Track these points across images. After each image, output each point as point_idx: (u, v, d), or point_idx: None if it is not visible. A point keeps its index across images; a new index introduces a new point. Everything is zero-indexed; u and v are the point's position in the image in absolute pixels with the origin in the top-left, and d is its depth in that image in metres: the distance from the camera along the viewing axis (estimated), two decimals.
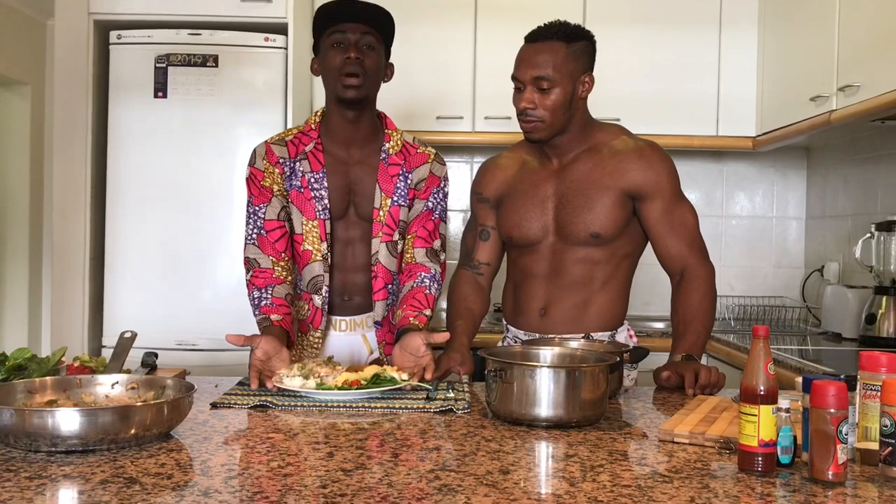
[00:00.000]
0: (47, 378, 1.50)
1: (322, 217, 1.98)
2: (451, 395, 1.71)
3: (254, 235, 1.99)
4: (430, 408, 1.60)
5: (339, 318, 2.05)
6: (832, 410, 1.16)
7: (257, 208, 1.99)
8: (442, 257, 2.06)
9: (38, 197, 4.86)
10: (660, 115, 3.37)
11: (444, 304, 2.23)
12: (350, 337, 2.05)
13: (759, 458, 1.20)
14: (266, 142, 2.04)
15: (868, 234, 2.89)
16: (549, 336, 1.94)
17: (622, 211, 1.96)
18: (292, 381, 1.69)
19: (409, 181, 2.02)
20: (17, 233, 4.81)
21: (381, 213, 2.00)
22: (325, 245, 1.98)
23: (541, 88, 1.90)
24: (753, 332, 1.24)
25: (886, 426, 1.18)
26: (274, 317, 1.88)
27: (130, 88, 3.05)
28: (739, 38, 3.39)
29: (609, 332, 2.01)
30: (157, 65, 3.04)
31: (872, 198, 3.15)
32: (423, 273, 1.99)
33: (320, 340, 2.02)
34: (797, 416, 1.31)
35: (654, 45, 3.40)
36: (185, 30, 3.05)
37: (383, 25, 1.97)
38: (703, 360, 1.96)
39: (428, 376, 1.77)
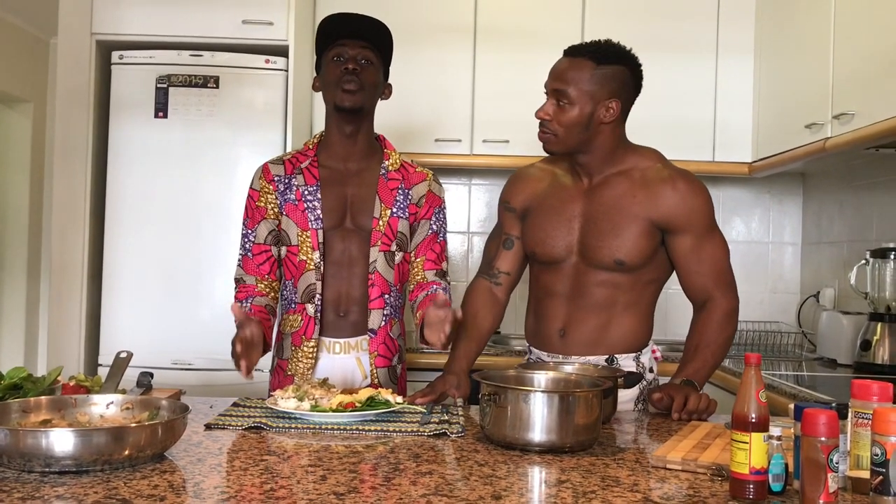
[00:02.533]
0: (42, 398, 1.51)
1: (314, 227, 2.03)
2: (446, 418, 1.71)
3: (241, 257, 2.09)
4: (425, 431, 1.60)
5: (333, 339, 2.05)
6: (823, 439, 1.17)
7: (248, 231, 2.09)
8: (448, 278, 2.11)
9: (37, 214, 4.88)
10: (656, 141, 3.30)
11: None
12: (344, 359, 2.06)
13: (751, 486, 1.21)
14: (265, 163, 2.13)
15: (863, 261, 2.90)
16: (545, 361, 1.94)
17: (649, 241, 1.91)
18: (287, 402, 1.69)
19: (409, 197, 2.07)
20: (16, 250, 4.82)
21: (381, 222, 2.04)
22: (317, 254, 2.02)
23: (559, 102, 1.88)
24: (745, 359, 1.25)
25: (877, 455, 1.18)
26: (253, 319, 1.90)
27: (131, 108, 3.07)
28: (736, 65, 3.42)
29: (633, 354, 1.97)
30: (159, 85, 3.06)
31: (868, 224, 3.17)
32: (436, 286, 2.04)
33: (314, 350, 2.03)
34: (789, 444, 1.31)
35: (652, 71, 3.36)
36: (187, 51, 3.08)
37: (382, 41, 2.04)
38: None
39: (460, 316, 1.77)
